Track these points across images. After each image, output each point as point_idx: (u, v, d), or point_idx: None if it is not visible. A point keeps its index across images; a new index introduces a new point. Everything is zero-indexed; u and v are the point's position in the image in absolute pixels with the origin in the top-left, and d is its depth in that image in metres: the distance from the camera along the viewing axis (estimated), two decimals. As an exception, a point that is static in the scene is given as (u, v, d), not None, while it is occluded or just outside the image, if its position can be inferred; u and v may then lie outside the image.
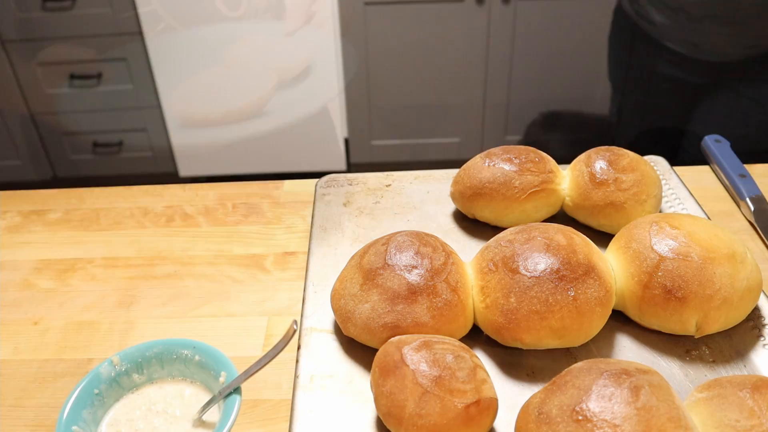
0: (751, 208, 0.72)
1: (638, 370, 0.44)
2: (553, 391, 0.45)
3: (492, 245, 0.58)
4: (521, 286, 0.53)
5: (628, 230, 0.59)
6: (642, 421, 0.41)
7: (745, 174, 0.77)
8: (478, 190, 0.67)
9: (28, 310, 0.67)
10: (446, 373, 0.46)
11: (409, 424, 0.46)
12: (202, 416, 0.49)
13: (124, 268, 0.72)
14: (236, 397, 0.47)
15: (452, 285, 0.55)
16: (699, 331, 0.54)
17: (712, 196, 0.77)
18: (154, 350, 0.52)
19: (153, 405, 0.50)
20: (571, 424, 0.42)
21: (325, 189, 0.78)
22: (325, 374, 0.55)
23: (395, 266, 0.55)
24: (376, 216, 0.73)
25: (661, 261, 0.54)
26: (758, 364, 0.54)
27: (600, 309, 0.54)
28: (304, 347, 0.57)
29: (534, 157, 0.68)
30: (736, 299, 0.54)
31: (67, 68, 2.16)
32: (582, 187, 0.66)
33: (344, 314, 0.56)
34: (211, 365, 0.50)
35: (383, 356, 0.49)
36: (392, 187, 0.78)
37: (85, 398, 0.49)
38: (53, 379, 0.59)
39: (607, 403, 0.42)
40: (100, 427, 0.49)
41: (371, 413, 0.51)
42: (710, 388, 0.46)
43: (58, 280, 0.71)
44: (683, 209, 0.70)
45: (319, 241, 0.69)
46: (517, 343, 0.54)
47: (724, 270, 0.54)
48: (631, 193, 0.64)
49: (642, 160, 0.68)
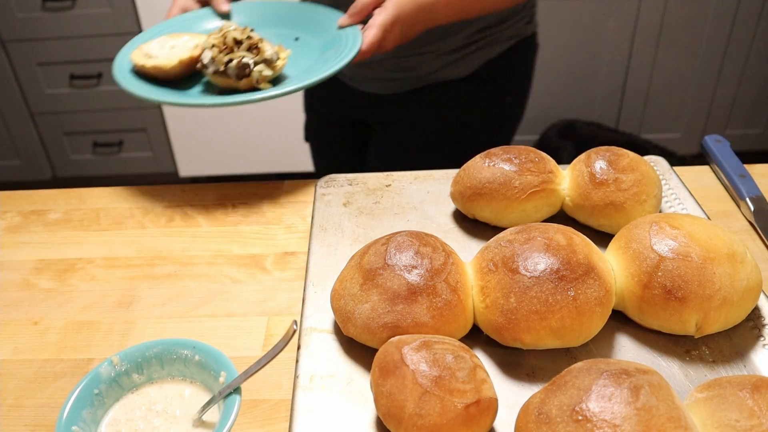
0: (751, 208, 0.72)
1: (638, 370, 0.44)
2: (553, 391, 0.45)
3: (492, 245, 0.58)
4: (521, 286, 0.53)
5: (628, 230, 0.59)
6: (642, 421, 0.41)
7: (745, 174, 0.77)
8: (478, 191, 0.67)
9: (28, 310, 0.67)
10: (446, 373, 0.46)
11: (409, 424, 0.46)
12: (202, 416, 0.49)
13: (124, 268, 0.72)
14: (236, 397, 0.47)
15: (452, 285, 0.55)
16: (699, 331, 0.54)
17: (712, 196, 0.77)
18: (154, 350, 0.52)
19: (153, 405, 0.50)
20: (571, 424, 0.42)
21: (325, 189, 0.78)
22: (325, 374, 0.55)
23: (395, 266, 0.55)
24: (376, 216, 0.73)
25: (661, 261, 0.54)
26: (758, 364, 0.54)
27: (600, 309, 0.54)
28: (304, 347, 0.57)
29: (534, 157, 0.68)
30: (736, 299, 0.54)
31: (67, 68, 2.16)
32: (582, 187, 0.66)
33: (344, 314, 0.56)
34: (211, 365, 0.50)
35: (383, 356, 0.49)
36: (392, 187, 0.78)
37: (85, 398, 0.49)
38: (53, 379, 0.59)
39: (606, 403, 0.42)
40: (100, 427, 0.49)
41: (371, 413, 0.51)
42: (710, 388, 0.46)
43: (58, 280, 0.71)
44: (683, 209, 0.70)
45: (319, 241, 0.69)
46: (517, 343, 0.54)
47: (724, 270, 0.54)
48: (631, 193, 0.64)
49: (642, 160, 0.68)
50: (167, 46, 0.86)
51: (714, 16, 2.08)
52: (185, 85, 0.86)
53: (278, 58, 0.83)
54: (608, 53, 2.16)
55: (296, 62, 0.88)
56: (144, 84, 0.84)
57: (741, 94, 2.25)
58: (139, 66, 0.84)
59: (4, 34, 2.12)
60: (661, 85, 2.22)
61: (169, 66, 0.83)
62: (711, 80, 2.21)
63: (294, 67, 0.87)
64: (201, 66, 0.83)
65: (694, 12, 2.08)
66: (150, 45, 0.87)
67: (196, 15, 0.98)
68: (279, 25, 0.97)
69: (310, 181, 0.82)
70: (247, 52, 0.81)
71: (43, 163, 2.34)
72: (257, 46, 0.81)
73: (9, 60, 2.16)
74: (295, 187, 0.82)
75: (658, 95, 2.24)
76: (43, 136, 2.31)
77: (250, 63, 0.80)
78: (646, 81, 2.21)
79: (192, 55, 0.84)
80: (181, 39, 0.88)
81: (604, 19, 2.09)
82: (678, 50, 2.15)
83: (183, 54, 0.84)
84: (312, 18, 0.95)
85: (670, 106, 2.27)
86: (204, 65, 0.82)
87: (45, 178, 2.38)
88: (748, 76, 2.21)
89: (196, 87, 0.86)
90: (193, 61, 0.84)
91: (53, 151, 2.33)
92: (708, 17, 2.09)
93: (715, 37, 2.12)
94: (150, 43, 0.88)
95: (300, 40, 0.94)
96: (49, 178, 2.38)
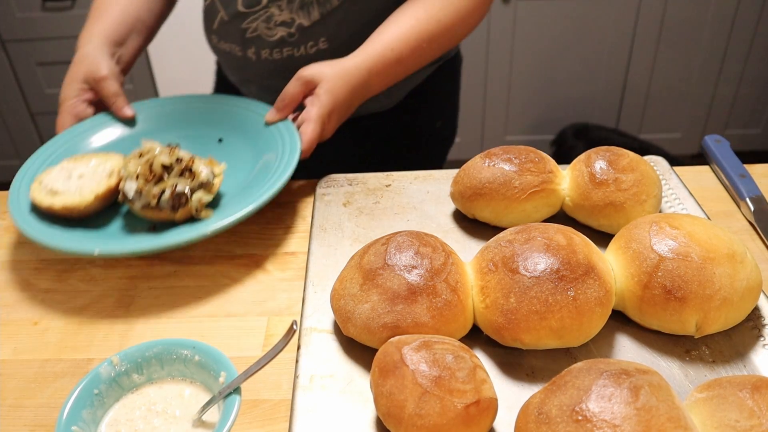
0: (751, 208, 0.72)
1: (638, 370, 0.44)
2: (553, 392, 0.45)
3: (492, 245, 0.58)
4: (521, 286, 0.53)
5: (628, 230, 0.59)
6: (642, 421, 0.41)
7: (745, 174, 0.77)
8: (477, 191, 0.67)
9: (28, 310, 0.67)
10: (446, 373, 0.46)
11: (408, 424, 0.46)
12: (201, 416, 0.49)
13: (123, 268, 0.72)
14: (236, 397, 0.47)
15: (452, 285, 0.55)
16: (699, 331, 0.54)
17: (712, 196, 0.77)
18: (153, 350, 0.52)
19: (153, 405, 0.50)
20: (571, 425, 0.42)
21: (325, 189, 0.78)
22: (325, 374, 0.55)
23: (395, 266, 0.55)
24: (376, 216, 0.73)
25: (660, 261, 0.54)
26: (758, 364, 0.54)
27: (600, 309, 0.54)
28: (304, 347, 0.57)
29: (534, 157, 0.68)
30: (736, 299, 0.54)
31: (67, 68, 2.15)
32: (582, 187, 0.66)
33: (344, 314, 0.56)
34: (211, 365, 0.50)
35: (383, 356, 0.49)
36: (392, 187, 0.78)
37: (85, 398, 0.49)
38: (53, 379, 0.59)
39: (606, 404, 0.42)
40: (100, 428, 0.49)
41: (371, 413, 0.51)
42: (710, 389, 0.46)
43: (58, 280, 0.71)
44: (683, 209, 0.70)
45: (319, 241, 0.69)
46: (517, 343, 0.54)
47: (723, 270, 0.54)
48: (630, 193, 0.64)
49: (642, 160, 0.68)
50: (74, 176, 0.71)
51: (714, 16, 2.08)
52: (102, 219, 0.72)
53: (214, 176, 0.71)
54: (608, 53, 2.16)
55: (229, 174, 0.76)
56: (55, 227, 0.69)
57: (741, 94, 2.25)
58: (45, 207, 0.69)
59: (4, 34, 2.12)
60: (661, 85, 2.22)
61: (84, 205, 0.69)
62: (711, 80, 2.21)
63: (228, 179, 0.75)
64: (123, 199, 0.70)
65: (694, 12, 2.08)
66: (51, 175, 0.72)
67: (95, 124, 0.84)
68: (196, 125, 0.84)
69: (310, 181, 0.82)
70: (179, 178, 0.69)
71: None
72: (190, 168, 0.69)
73: (9, 60, 2.16)
74: (295, 187, 0.82)
75: (658, 95, 2.25)
76: (43, 136, 2.31)
77: (186, 191, 0.68)
78: (646, 81, 2.21)
79: (109, 185, 0.71)
80: (89, 164, 0.73)
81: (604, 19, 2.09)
82: (678, 50, 2.15)
83: (98, 187, 0.71)
84: (233, 113, 0.83)
85: (670, 106, 2.27)
86: (129, 199, 0.69)
87: (45, 178, 2.38)
88: (748, 76, 2.21)
89: (115, 220, 0.72)
90: (111, 192, 0.71)
91: (53, 151, 2.32)
92: (708, 17, 2.09)
93: (715, 37, 2.12)
94: (50, 172, 0.73)
95: (224, 142, 0.82)
96: (49, 178, 2.38)
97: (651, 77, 2.20)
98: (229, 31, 0.91)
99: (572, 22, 2.09)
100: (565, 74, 2.21)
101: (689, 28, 2.11)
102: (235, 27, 0.90)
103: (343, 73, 0.78)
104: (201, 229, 0.66)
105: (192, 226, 0.68)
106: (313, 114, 0.76)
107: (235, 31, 0.90)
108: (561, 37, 2.12)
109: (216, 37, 0.94)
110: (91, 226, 0.71)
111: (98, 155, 0.75)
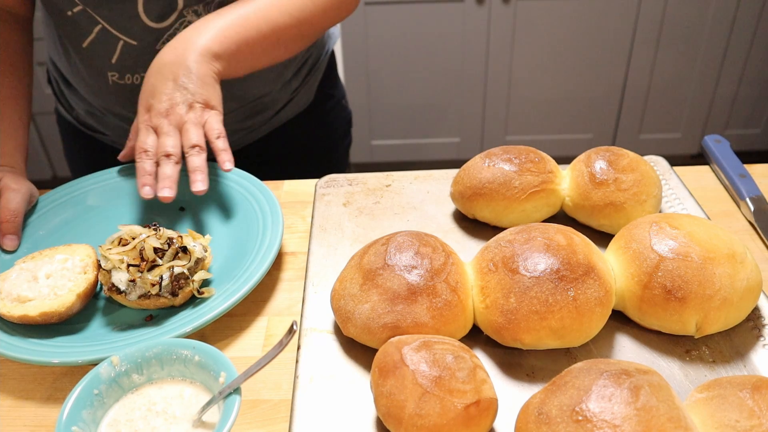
0: (751, 208, 0.72)
1: (638, 370, 0.44)
2: (553, 392, 0.45)
3: (492, 245, 0.58)
4: (521, 286, 0.53)
5: (628, 230, 0.59)
6: (642, 421, 0.41)
7: (745, 174, 0.77)
8: (478, 191, 0.67)
9: (28, 311, 0.67)
10: (446, 373, 0.46)
11: (408, 425, 0.46)
12: (202, 416, 0.49)
13: (124, 268, 0.72)
14: (236, 398, 0.47)
15: (452, 285, 0.55)
16: (699, 331, 0.54)
17: (712, 196, 0.77)
18: (153, 350, 0.52)
19: (153, 405, 0.50)
20: (571, 425, 0.42)
21: (325, 189, 0.78)
22: (325, 374, 0.55)
23: (395, 266, 0.55)
24: (376, 216, 0.73)
25: (661, 261, 0.54)
26: (758, 364, 0.54)
27: (600, 309, 0.54)
28: (304, 347, 0.57)
29: (534, 157, 0.68)
30: (736, 299, 0.54)
31: (67, 68, 2.16)
32: (582, 187, 0.66)
33: (344, 314, 0.56)
34: (211, 365, 0.50)
35: (383, 356, 0.49)
36: (392, 187, 0.78)
37: (85, 398, 0.49)
38: (53, 379, 0.59)
39: (606, 404, 0.42)
40: (100, 428, 0.49)
41: (371, 413, 0.51)
42: (710, 389, 0.46)
43: (58, 281, 0.71)
44: (683, 209, 0.70)
45: (319, 241, 0.69)
46: (517, 343, 0.54)
47: (724, 270, 0.54)
48: (630, 193, 0.64)
49: (642, 160, 0.68)
50: (40, 277, 0.62)
51: (714, 16, 2.08)
52: (81, 319, 0.63)
53: (205, 250, 0.66)
54: (608, 53, 2.16)
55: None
56: (35, 340, 0.59)
57: (741, 94, 2.25)
58: (18, 317, 0.59)
59: (4, 34, 2.11)
60: (661, 85, 2.22)
61: (66, 307, 0.60)
62: (711, 80, 2.21)
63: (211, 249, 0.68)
64: (111, 291, 0.62)
65: (694, 12, 2.08)
66: (9, 281, 0.62)
67: (39, 214, 0.75)
68: (146, 200, 0.74)
69: (310, 181, 0.82)
70: (175, 260, 0.63)
71: (43, 163, 2.34)
72: (185, 247, 0.63)
73: (9, 60, 2.16)
74: (295, 187, 0.82)
75: (658, 95, 2.24)
76: (43, 136, 2.31)
77: (185, 272, 0.62)
78: (646, 81, 2.21)
79: (89, 281, 0.63)
80: (53, 260, 0.64)
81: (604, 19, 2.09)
82: (678, 50, 2.15)
83: (76, 285, 0.62)
84: (180, 178, 0.69)
85: (670, 106, 2.27)
86: (121, 291, 0.62)
87: (45, 178, 2.38)
88: (748, 76, 2.21)
89: (96, 316, 0.64)
90: (92, 288, 0.63)
91: (53, 151, 2.32)
92: (708, 17, 2.09)
93: (715, 37, 2.12)
94: (7, 277, 0.63)
95: (187, 211, 0.75)
96: (50, 178, 2.38)
97: (651, 77, 2.20)
98: (138, 59, 0.81)
99: (572, 23, 2.09)
100: (565, 74, 2.21)
101: (689, 28, 2.11)
102: (148, 50, 0.81)
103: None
104: (212, 308, 0.60)
105: (196, 310, 0.61)
106: (181, 118, 0.68)
107: (149, 55, 0.78)
108: (561, 37, 2.12)
109: (117, 73, 0.84)
110: (76, 330, 0.62)
111: (60, 249, 0.66)
